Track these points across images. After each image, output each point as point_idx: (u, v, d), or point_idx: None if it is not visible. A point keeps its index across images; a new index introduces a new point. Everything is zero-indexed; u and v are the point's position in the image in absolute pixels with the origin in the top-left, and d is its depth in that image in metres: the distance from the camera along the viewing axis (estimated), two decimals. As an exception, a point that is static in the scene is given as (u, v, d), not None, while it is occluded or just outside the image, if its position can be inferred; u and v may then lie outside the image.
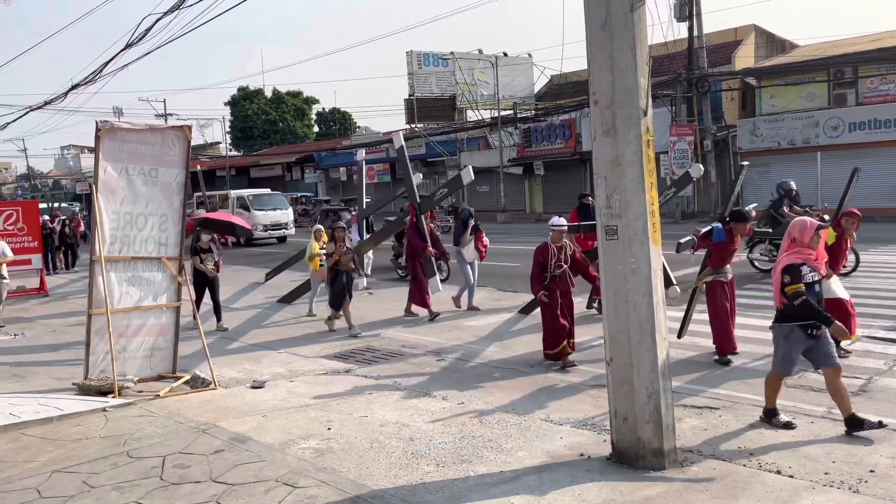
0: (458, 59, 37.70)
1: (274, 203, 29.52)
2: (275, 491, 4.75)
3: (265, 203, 29.24)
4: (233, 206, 28.65)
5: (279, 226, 28.37)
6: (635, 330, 4.85)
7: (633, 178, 4.79)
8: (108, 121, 7.78)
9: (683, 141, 26.30)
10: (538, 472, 4.94)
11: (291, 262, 15.10)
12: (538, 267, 7.90)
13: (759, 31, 31.95)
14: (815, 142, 25.33)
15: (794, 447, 5.22)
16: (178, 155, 7.99)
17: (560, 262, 7.87)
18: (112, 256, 7.65)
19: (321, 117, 68.18)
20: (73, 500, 4.78)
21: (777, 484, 4.60)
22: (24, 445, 5.91)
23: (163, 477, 5.09)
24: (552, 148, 34.12)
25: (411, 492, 4.69)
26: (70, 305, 13.81)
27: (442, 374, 7.86)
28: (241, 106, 62.81)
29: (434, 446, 5.51)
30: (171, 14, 11.21)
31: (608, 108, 4.82)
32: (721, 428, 5.68)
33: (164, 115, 46.55)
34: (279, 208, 29.12)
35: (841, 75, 25.76)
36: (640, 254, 4.82)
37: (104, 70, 15.10)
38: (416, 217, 11.33)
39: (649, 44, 4.92)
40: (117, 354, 7.47)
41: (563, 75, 38.09)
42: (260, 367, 8.42)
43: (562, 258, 7.89)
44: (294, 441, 5.72)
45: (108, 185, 7.60)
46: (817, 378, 6.80)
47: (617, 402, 5.00)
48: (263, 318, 11.87)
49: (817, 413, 5.94)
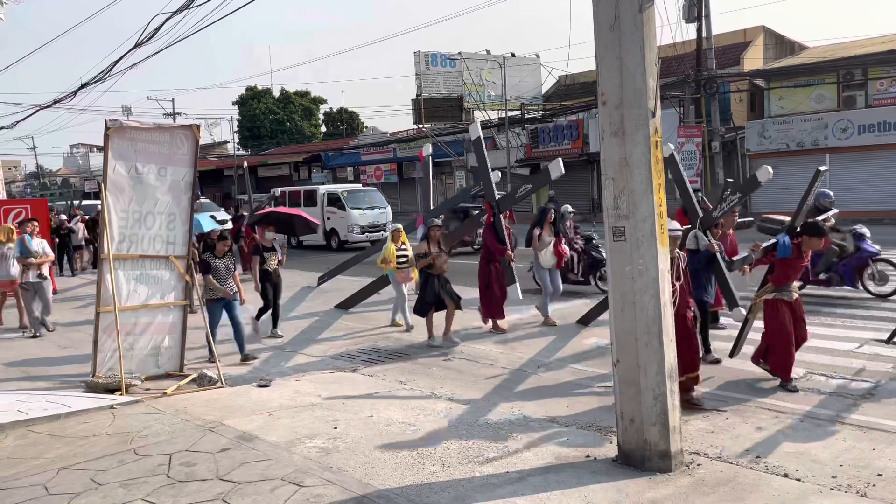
0: (466, 60, 37.68)
1: (371, 200, 24.84)
2: (281, 489, 4.76)
3: (361, 200, 24.62)
4: (322, 203, 24.39)
5: (378, 227, 23.39)
6: (642, 331, 4.84)
7: (641, 180, 4.78)
8: (118, 120, 7.83)
9: (691, 142, 26.21)
10: (544, 473, 4.93)
11: (347, 265, 14.03)
12: None
13: (768, 33, 31.82)
14: (824, 144, 25.21)
15: (801, 450, 5.20)
16: (187, 154, 8.03)
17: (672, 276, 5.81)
18: (120, 255, 7.69)
19: (329, 117, 68.27)
20: (80, 496, 4.80)
21: (784, 487, 4.58)
22: (32, 442, 5.94)
23: (169, 475, 5.10)
24: (560, 149, 34.04)
25: (417, 492, 4.69)
26: (79, 303, 13.87)
27: (448, 374, 7.86)
28: (249, 105, 62.95)
29: (440, 446, 5.51)
30: (181, 13, 11.26)
31: (616, 108, 4.81)
32: (728, 430, 5.66)
33: (173, 115, 46.71)
34: (377, 206, 24.62)
35: (850, 77, 25.63)
36: (647, 255, 4.81)
37: (113, 69, 15.16)
38: (493, 216, 10.19)
39: (658, 45, 4.91)
40: (125, 352, 7.50)
41: (570, 76, 38.07)
42: (267, 367, 8.44)
43: (673, 272, 5.92)
44: (300, 440, 5.73)
45: (116, 184, 7.64)
46: (824, 381, 6.78)
47: (623, 404, 4.99)
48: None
49: (824, 416, 5.91)
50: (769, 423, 5.80)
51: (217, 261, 8.74)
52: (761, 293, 7.02)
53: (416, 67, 39.12)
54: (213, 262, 8.71)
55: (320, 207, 24.30)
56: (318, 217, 23.17)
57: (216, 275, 8.64)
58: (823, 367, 7.19)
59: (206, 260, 8.78)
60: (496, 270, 9.89)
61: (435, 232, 9.24)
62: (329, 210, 24.26)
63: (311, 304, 12.69)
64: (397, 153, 42.25)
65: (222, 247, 8.85)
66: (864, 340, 8.23)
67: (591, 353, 8.38)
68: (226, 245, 8.89)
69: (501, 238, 9.97)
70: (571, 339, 9.10)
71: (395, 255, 10.16)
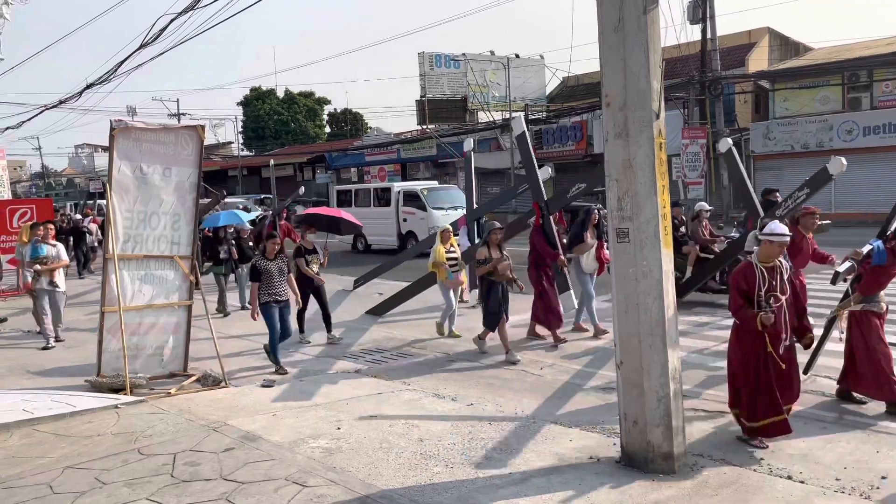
0: (470, 61, 37.69)
1: (454, 199, 21.15)
2: (284, 489, 4.77)
3: (443, 199, 21.30)
4: (397, 203, 21.58)
5: None
6: (646, 333, 4.84)
7: (645, 181, 4.78)
8: (123, 120, 7.85)
9: (696, 144, 26.18)
10: (547, 474, 4.93)
11: (384, 269, 13.47)
12: (741, 298, 5.34)
13: (773, 34, 31.76)
14: (829, 146, 25.13)
15: (805, 452, 5.19)
16: (192, 154, 8.05)
17: (774, 289, 5.30)
18: (125, 255, 7.71)
19: (333, 118, 68.34)
20: (84, 496, 4.82)
21: (788, 489, 4.58)
22: (37, 441, 5.96)
23: (173, 474, 5.12)
24: (563, 150, 34.04)
25: (420, 492, 4.69)
26: (83, 303, 13.91)
27: (452, 375, 7.87)
28: (254, 106, 63.06)
29: (443, 447, 5.51)
30: (186, 14, 11.30)
31: (620, 110, 4.82)
32: (731, 432, 5.64)
33: (178, 115, 46.83)
34: (460, 206, 20.14)
35: (855, 79, 25.57)
36: (651, 257, 4.81)
37: (119, 69, 15.24)
38: (542, 218, 9.52)
39: (662, 46, 4.91)
40: (129, 352, 7.52)
41: (574, 77, 38.04)
42: (270, 367, 8.45)
43: (776, 285, 5.30)
44: (304, 440, 5.74)
45: (121, 184, 7.66)
46: (829, 384, 6.76)
47: (627, 406, 4.99)
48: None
49: (829, 419, 5.90)
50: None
51: (268, 263, 8.20)
52: (845, 304, 6.32)
53: (420, 68, 39.15)
54: (263, 266, 8.17)
55: (394, 207, 21.62)
56: (392, 218, 21.37)
57: (268, 279, 8.13)
58: (827, 368, 7.17)
59: (255, 265, 8.22)
60: (547, 276, 9.28)
61: (496, 236, 8.52)
62: (406, 210, 21.35)
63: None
64: (401, 154, 42.27)
65: (273, 247, 8.30)
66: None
67: (599, 356, 8.36)
68: (276, 244, 8.35)
69: (552, 241, 9.34)
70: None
71: (446, 258, 9.62)
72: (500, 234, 8.60)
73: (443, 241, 9.71)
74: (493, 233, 8.53)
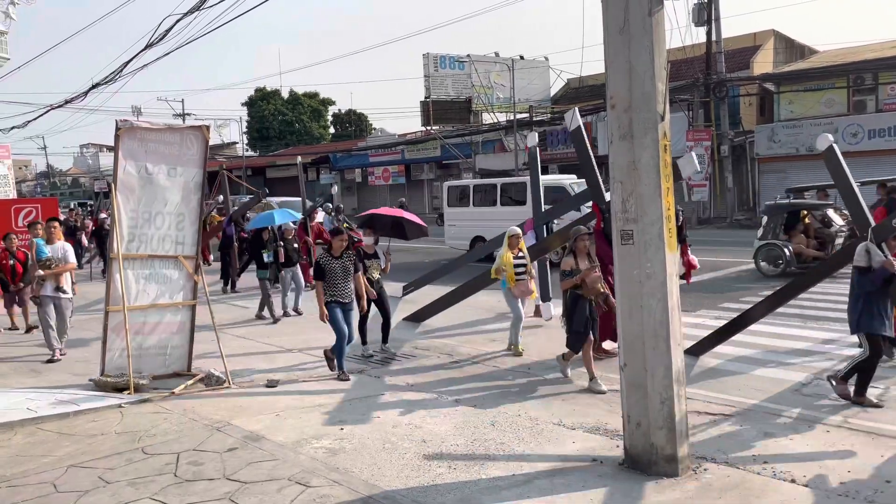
0: (475, 62, 37.71)
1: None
2: (287, 490, 4.78)
3: None
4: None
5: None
6: (650, 335, 4.84)
7: (650, 183, 4.78)
8: (128, 120, 7.88)
9: (700, 146, 26.14)
10: (550, 476, 4.93)
11: (437, 274, 12.33)
12: None
13: (779, 37, 31.72)
14: (834, 148, 25.08)
15: (809, 456, 5.17)
16: (196, 154, 8.06)
17: None
18: (130, 254, 7.73)
19: (337, 118, 68.45)
20: (88, 494, 4.83)
21: (791, 493, 4.57)
22: (41, 440, 5.98)
23: (177, 473, 5.13)
24: (568, 151, 34.01)
25: (423, 493, 4.69)
26: (87, 302, 13.93)
27: (455, 376, 7.86)
28: (258, 106, 63.19)
29: (446, 448, 5.51)
30: (191, 15, 11.33)
31: (625, 112, 4.81)
32: (735, 435, 5.64)
33: (182, 115, 46.97)
34: None
35: (861, 82, 25.51)
36: (655, 259, 4.81)
37: (124, 70, 15.28)
38: (603, 222, 8.56)
39: (667, 48, 4.91)
40: (133, 351, 7.54)
41: (579, 79, 38.02)
42: (274, 367, 8.46)
43: None
44: (307, 440, 5.74)
45: (126, 184, 7.68)
46: (832, 387, 6.75)
47: (630, 408, 4.98)
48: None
49: (834, 422, 5.88)
50: (777, 428, 5.78)
51: (333, 261, 7.67)
52: None
53: (424, 69, 39.21)
54: (327, 263, 7.66)
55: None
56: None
57: (332, 277, 7.64)
58: (831, 371, 7.14)
59: (319, 262, 7.75)
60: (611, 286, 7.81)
61: (583, 242, 7.34)
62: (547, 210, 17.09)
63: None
64: (405, 155, 42.30)
65: (339, 244, 7.71)
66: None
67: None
68: (343, 241, 7.73)
69: None
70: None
71: (513, 264, 8.67)
72: (589, 240, 7.49)
73: (510, 246, 8.76)
74: (581, 239, 7.36)
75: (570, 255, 7.36)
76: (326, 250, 7.84)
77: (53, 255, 9.07)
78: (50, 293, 9.03)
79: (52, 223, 9.42)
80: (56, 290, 9.06)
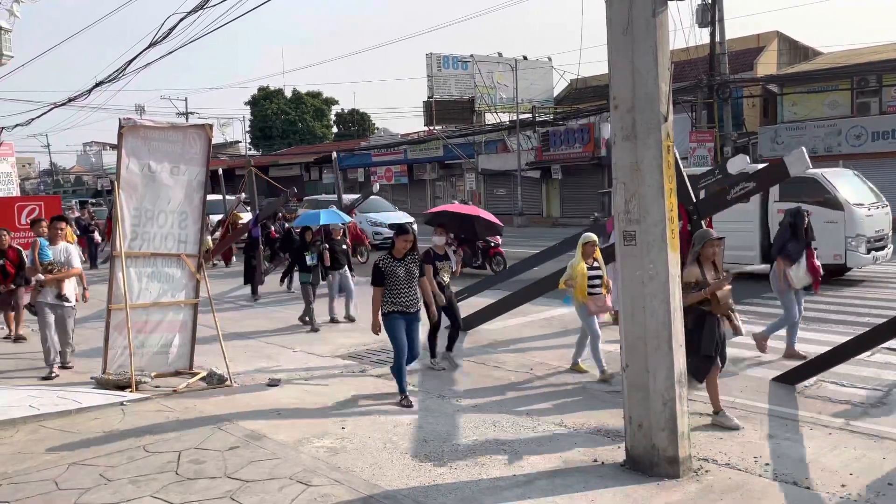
0: (478, 62, 37.75)
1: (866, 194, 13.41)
2: (289, 489, 4.78)
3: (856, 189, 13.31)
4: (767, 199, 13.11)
5: (882, 240, 12.99)
6: (652, 336, 4.83)
7: (652, 184, 4.78)
8: (131, 118, 7.89)
9: (703, 147, 26.11)
10: (551, 476, 4.93)
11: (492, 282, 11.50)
12: None
13: (782, 38, 31.69)
14: (838, 150, 25.05)
15: (811, 458, 5.17)
16: (199, 153, 8.07)
17: None
18: (132, 252, 7.74)
19: (340, 118, 68.52)
20: (89, 492, 4.84)
21: (793, 495, 4.56)
22: (43, 437, 5.99)
23: (178, 472, 5.13)
24: (570, 152, 34.02)
25: (424, 493, 4.70)
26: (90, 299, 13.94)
27: (457, 377, 7.86)
28: (261, 106, 63.26)
29: (447, 448, 5.51)
30: (195, 14, 11.34)
31: (628, 112, 4.81)
32: (737, 437, 5.63)
33: (186, 114, 47.01)
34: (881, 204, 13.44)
35: (864, 83, 25.47)
36: (658, 260, 4.80)
37: (128, 68, 15.29)
38: (690, 224, 7.84)
39: (671, 49, 4.90)
40: (135, 349, 7.55)
41: (582, 79, 38.01)
42: (276, 365, 8.47)
43: None
44: (308, 439, 5.75)
45: (129, 182, 7.70)
46: (835, 389, 6.74)
47: (632, 409, 4.98)
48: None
49: (836, 425, 5.87)
50: (779, 430, 5.77)
51: (396, 264, 6.63)
52: None
53: (427, 69, 39.25)
54: (389, 266, 6.61)
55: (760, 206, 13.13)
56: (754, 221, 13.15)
57: (394, 283, 6.61)
58: (834, 374, 7.13)
59: (378, 266, 6.68)
60: None
61: (711, 249, 6.09)
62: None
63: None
64: (408, 154, 42.32)
65: (403, 244, 6.66)
66: (876, 348, 8.16)
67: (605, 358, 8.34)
68: (408, 241, 6.70)
69: None
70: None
71: (587, 275, 7.53)
72: (719, 246, 6.23)
73: (584, 255, 7.58)
74: (709, 245, 6.08)
75: (695, 263, 6.09)
76: (388, 251, 6.85)
77: (55, 259, 8.29)
78: (51, 300, 8.21)
79: (57, 223, 8.57)
80: (57, 298, 8.22)
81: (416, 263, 6.84)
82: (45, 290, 8.24)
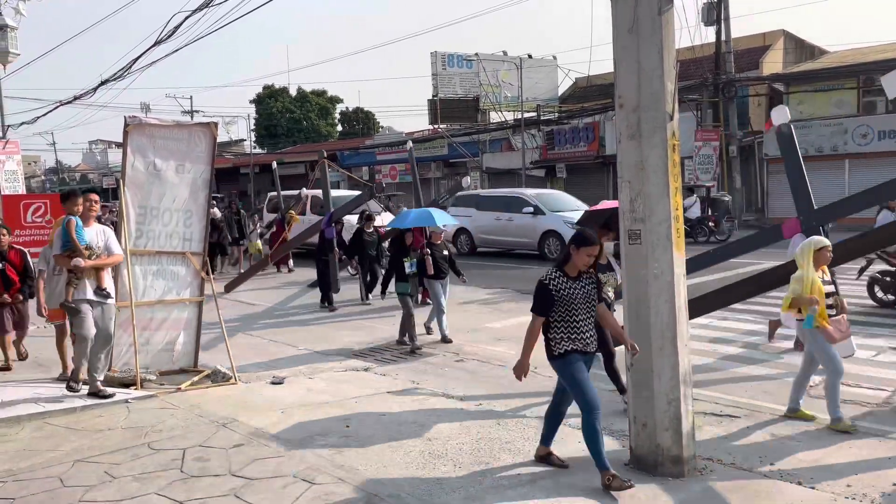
0: (483, 61, 37.68)
1: None
2: (293, 487, 4.78)
3: None
4: None
5: None
6: (656, 336, 4.82)
7: (658, 183, 4.77)
8: (137, 116, 7.91)
9: (709, 146, 26.05)
10: (555, 475, 4.92)
11: None
12: None
13: (788, 37, 31.58)
14: (844, 149, 24.96)
15: (816, 458, 5.15)
16: (205, 151, 8.09)
17: None
18: (137, 250, 7.75)
19: (345, 116, 68.54)
20: (94, 489, 4.85)
21: (798, 495, 4.55)
22: (48, 434, 6.01)
23: (183, 469, 5.14)
24: (575, 151, 33.95)
25: (428, 492, 4.70)
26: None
27: (461, 376, 7.86)
28: (266, 104, 63.29)
29: (452, 447, 5.51)
30: (200, 12, 11.37)
31: (633, 111, 4.80)
32: (742, 437, 5.62)
33: (191, 112, 47.04)
34: None
35: (871, 82, 25.34)
36: (662, 259, 4.79)
37: (133, 66, 15.33)
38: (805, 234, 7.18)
39: (676, 48, 4.89)
40: (140, 347, 7.57)
41: (587, 78, 37.93)
42: (280, 364, 8.48)
43: None
44: (312, 437, 5.75)
45: (134, 180, 7.71)
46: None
47: (636, 408, 4.97)
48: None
49: (840, 424, 5.85)
50: (784, 430, 5.75)
51: (571, 285, 4.75)
52: None
53: (432, 68, 39.19)
54: (562, 288, 4.71)
55: None
56: None
57: (569, 311, 4.73)
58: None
59: (547, 286, 4.73)
60: None
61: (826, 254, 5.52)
62: None
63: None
64: (413, 153, 42.26)
65: (586, 259, 4.74)
66: (881, 349, 8.15)
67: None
68: (592, 253, 4.76)
69: None
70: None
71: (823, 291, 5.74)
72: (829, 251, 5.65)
73: (817, 263, 5.78)
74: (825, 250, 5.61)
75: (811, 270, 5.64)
76: (556, 267, 4.84)
77: (92, 241, 6.81)
78: (90, 296, 6.70)
79: (91, 195, 7.03)
80: (98, 293, 6.76)
81: (594, 284, 4.89)
82: (81, 282, 6.64)
